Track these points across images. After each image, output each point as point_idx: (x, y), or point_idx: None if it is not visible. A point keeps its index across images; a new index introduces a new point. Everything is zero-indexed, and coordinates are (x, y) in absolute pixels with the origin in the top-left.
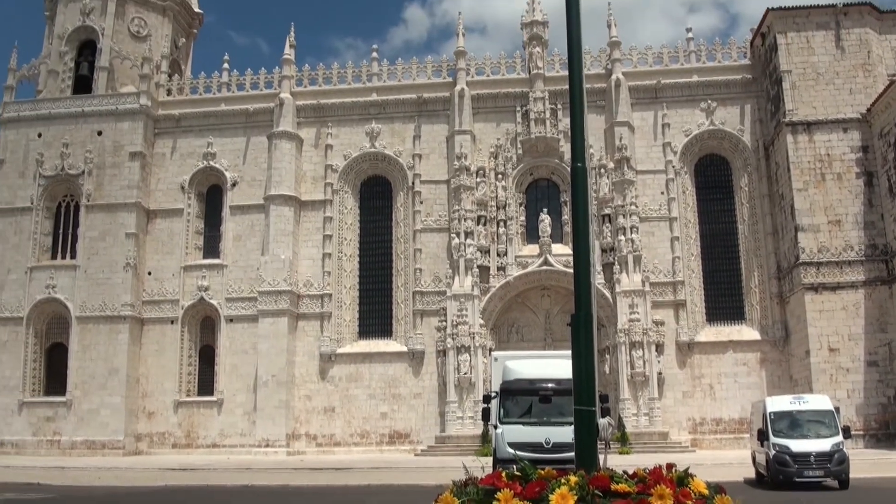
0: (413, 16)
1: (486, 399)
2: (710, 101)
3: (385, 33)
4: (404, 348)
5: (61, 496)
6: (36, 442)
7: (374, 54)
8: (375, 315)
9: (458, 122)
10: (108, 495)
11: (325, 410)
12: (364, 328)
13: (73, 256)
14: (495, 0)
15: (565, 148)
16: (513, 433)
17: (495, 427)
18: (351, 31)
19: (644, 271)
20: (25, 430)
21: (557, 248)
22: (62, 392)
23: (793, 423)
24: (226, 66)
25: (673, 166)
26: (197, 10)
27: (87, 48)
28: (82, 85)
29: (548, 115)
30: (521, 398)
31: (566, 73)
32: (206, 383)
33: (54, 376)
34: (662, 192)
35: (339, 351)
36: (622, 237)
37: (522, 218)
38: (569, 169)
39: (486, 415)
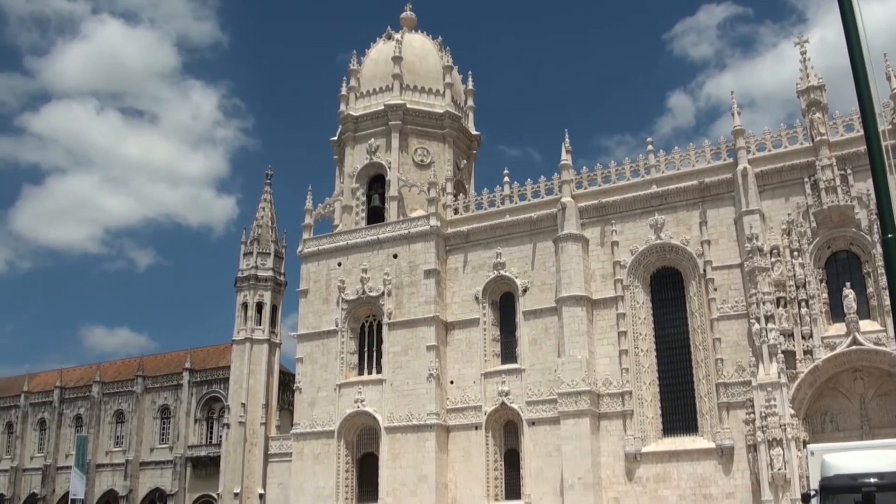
0: (677, 103)
1: (806, 498)
2: None
3: (652, 125)
4: (712, 444)
5: None
6: None
7: (650, 146)
8: (678, 410)
9: (745, 203)
10: None
11: None
12: (668, 425)
13: (378, 371)
14: (760, 73)
15: (861, 215)
16: None
17: None
18: (619, 129)
19: None
20: None
21: (865, 325)
22: (374, 499)
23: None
24: (506, 178)
25: None
26: (474, 132)
27: (375, 182)
28: (374, 215)
29: (838, 181)
30: (842, 497)
31: (851, 136)
32: (512, 487)
33: (366, 484)
34: None
35: (644, 450)
36: None
37: (825, 295)
38: (868, 238)
39: None
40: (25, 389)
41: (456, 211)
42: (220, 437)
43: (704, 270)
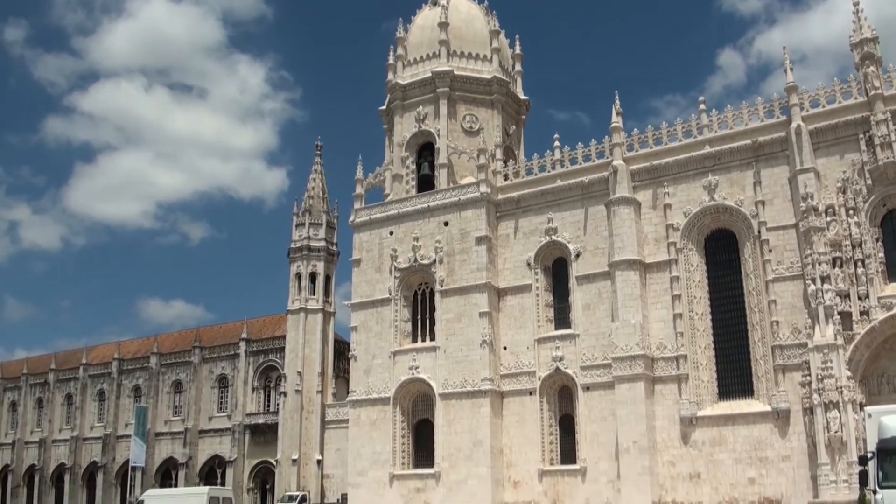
0: (728, 61)
1: (863, 461)
2: None
3: (702, 83)
4: (768, 408)
5: None
6: None
7: (702, 106)
8: (734, 374)
9: (799, 161)
10: None
11: (689, 477)
12: (723, 388)
13: (432, 338)
14: (811, 27)
15: None
16: (894, 499)
17: (874, 492)
18: (669, 89)
19: None
20: (397, 500)
21: None
22: (430, 464)
23: None
24: (556, 143)
25: None
26: (522, 97)
27: (425, 150)
28: (424, 183)
29: (893, 137)
30: None
31: None
32: (568, 451)
33: (422, 449)
34: None
35: (700, 414)
36: None
37: (881, 254)
38: None
39: (863, 478)
40: (84, 362)
41: (506, 177)
42: (278, 405)
43: (759, 231)
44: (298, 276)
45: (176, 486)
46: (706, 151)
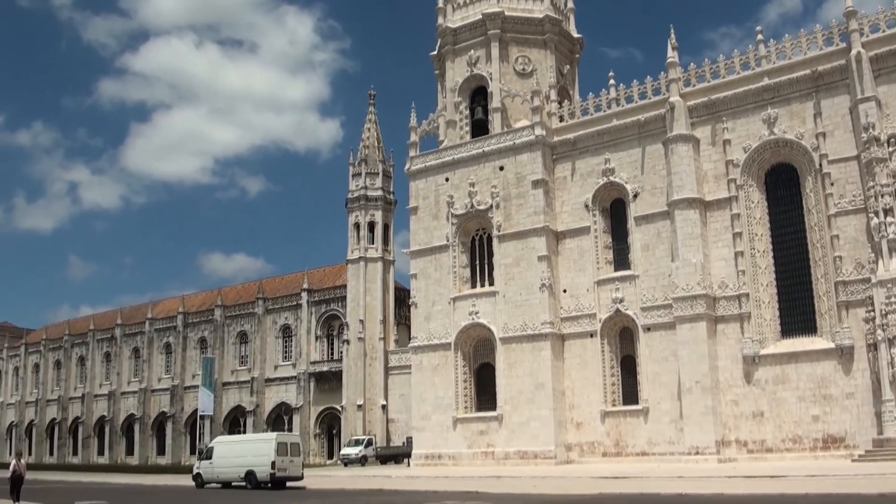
0: None
1: None
2: None
3: (758, 13)
4: (831, 345)
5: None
6: (471, 454)
7: (759, 36)
8: (796, 311)
9: (860, 90)
10: (545, 503)
11: (752, 415)
12: (786, 326)
13: (490, 283)
14: None
15: None
16: None
17: None
18: (723, 20)
19: None
20: (461, 443)
21: None
22: (492, 408)
23: None
24: (611, 81)
25: None
26: (576, 35)
27: (478, 94)
28: (478, 128)
29: None
30: None
31: None
32: (630, 392)
33: (484, 393)
34: None
35: (763, 352)
36: None
37: None
38: None
39: None
40: (150, 316)
41: (561, 118)
42: (341, 352)
43: (820, 164)
44: (357, 225)
45: (244, 432)
46: (765, 83)
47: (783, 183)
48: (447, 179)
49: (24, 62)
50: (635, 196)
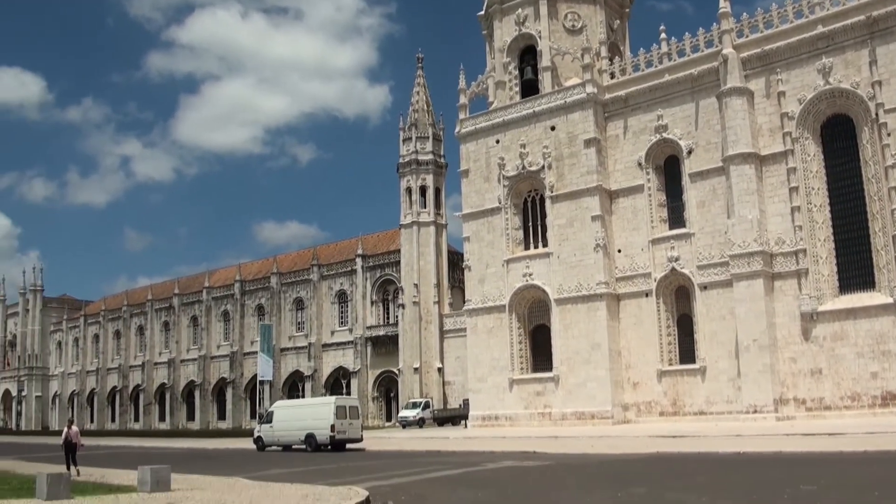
0: None
1: None
2: None
3: None
4: (890, 300)
5: (558, 463)
6: (528, 415)
7: None
8: (855, 266)
9: None
10: (603, 462)
11: (811, 373)
12: (844, 282)
13: (544, 245)
14: None
15: None
16: None
17: None
18: None
19: None
20: (517, 404)
21: None
22: (548, 368)
23: None
24: (662, 35)
25: None
26: None
27: (527, 54)
28: (528, 88)
29: None
30: None
31: None
32: (686, 351)
33: (539, 355)
34: None
35: (821, 309)
36: None
37: None
38: None
39: None
40: (207, 285)
41: (612, 75)
42: (396, 317)
43: (877, 114)
44: (409, 190)
45: (303, 397)
46: (819, 31)
47: (839, 135)
48: (497, 141)
49: (71, 40)
50: (689, 152)
